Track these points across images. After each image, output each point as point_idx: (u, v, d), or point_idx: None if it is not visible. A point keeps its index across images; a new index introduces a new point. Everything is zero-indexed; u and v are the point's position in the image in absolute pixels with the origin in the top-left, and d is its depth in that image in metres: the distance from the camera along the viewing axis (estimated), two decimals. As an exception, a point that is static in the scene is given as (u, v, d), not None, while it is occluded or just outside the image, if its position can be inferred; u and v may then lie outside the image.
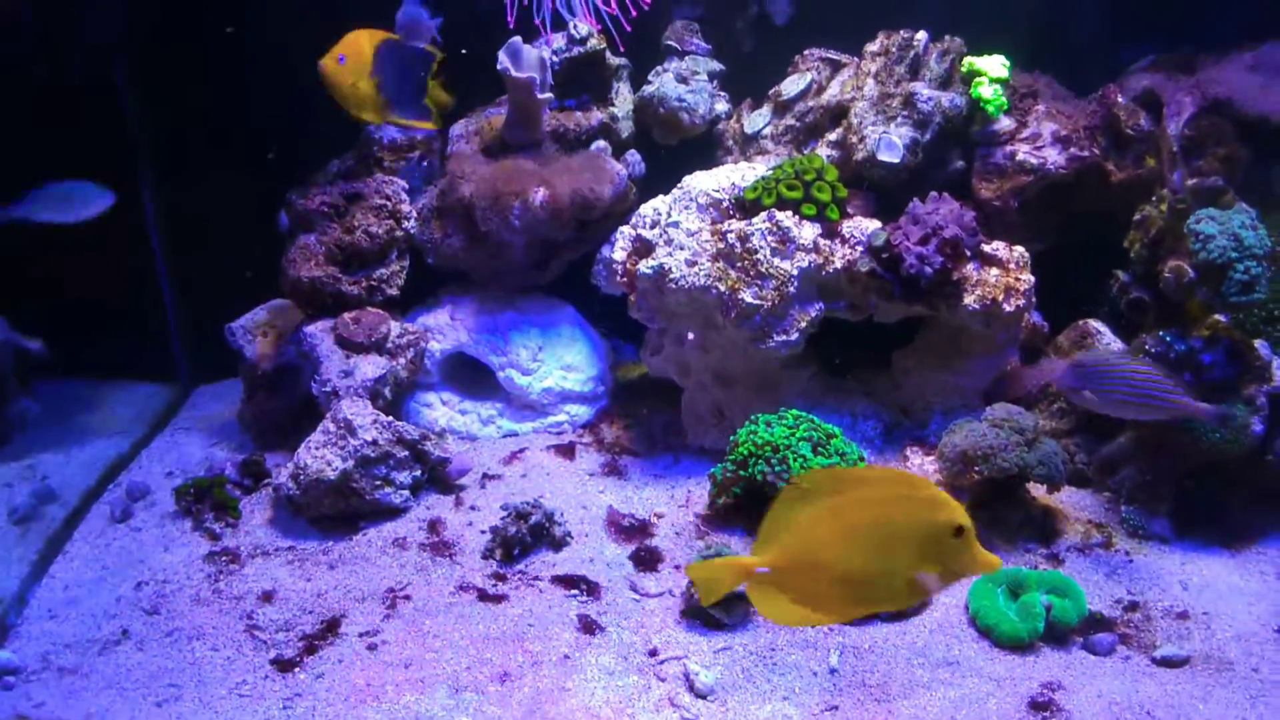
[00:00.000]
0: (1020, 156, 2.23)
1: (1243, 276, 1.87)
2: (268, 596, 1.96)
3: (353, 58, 2.14)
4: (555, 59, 2.35)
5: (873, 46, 2.32)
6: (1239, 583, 1.99)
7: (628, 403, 2.51)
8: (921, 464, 2.23)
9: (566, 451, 2.32)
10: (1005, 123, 2.26)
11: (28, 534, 2.22)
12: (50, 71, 2.40)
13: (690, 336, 2.20)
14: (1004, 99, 2.23)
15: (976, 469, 2.02)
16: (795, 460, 1.98)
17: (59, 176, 2.31)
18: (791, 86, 2.36)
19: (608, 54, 2.42)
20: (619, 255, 2.27)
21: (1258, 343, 2.05)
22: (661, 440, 2.39)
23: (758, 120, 2.38)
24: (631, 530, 2.08)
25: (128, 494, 2.34)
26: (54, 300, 2.61)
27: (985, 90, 2.22)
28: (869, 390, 2.34)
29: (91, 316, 2.63)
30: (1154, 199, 2.06)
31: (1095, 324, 2.29)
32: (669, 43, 2.47)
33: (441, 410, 2.40)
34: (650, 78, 2.47)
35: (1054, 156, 2.22)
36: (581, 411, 2.41)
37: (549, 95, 2.26)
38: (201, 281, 2.71)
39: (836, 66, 2.39)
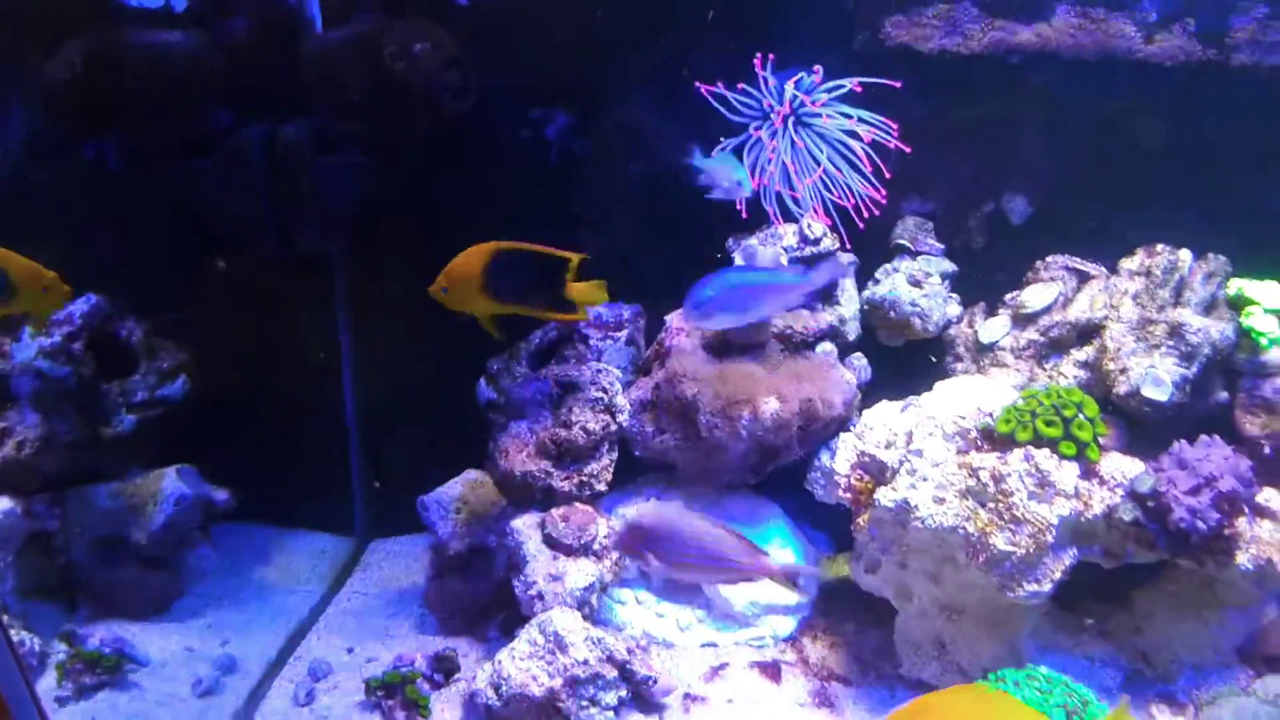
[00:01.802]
0: (1295, 394, 2.06)
1: None
2: (469, 823, 1.86)
3: (458, 280, 2.12)
4: (787, 257, 2.26)
5: (1131, 264, 2.18)
6: None
7: (831, 612, 2.34)
8: (1173, 728, 2.04)
9: (772, 672, 2.16)
10: (1276, 354, 2.09)
11: (209, 710, 2.16)
12: (279, 243, 2.42)
13: (918, 565, 2.05)
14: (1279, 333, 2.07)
15: (1255, 758, 1.83)
16: (1050, 733, 1.81)
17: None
18: (1037, 299, 2.22)
19: (839, 253, 2.32)
20: (842, 468, 2.14)
21: None
22: (873, 665, 2.21)
23: (996, 330, 2.25)
24: (856, 783, 1.93)
25: (311, 674, 2.25)
26: (241, 444, 2.60)
27: (1259, 321, 2.05)
28: (1106, 631, 2.15)
29: (277, 464, 2.60)
30: None
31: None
32: (901, 241, 2.36)
33: (636, 610, 2.26)
34: (879, 276, 2.36)
35: (1336, 399, 2.04)
36: (785, 624, 2.26)
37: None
38: (390, 441, 2.66)
39: (1083, 277, 2.25)
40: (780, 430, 2.11)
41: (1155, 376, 2.01)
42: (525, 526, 2.20)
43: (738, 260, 2.14)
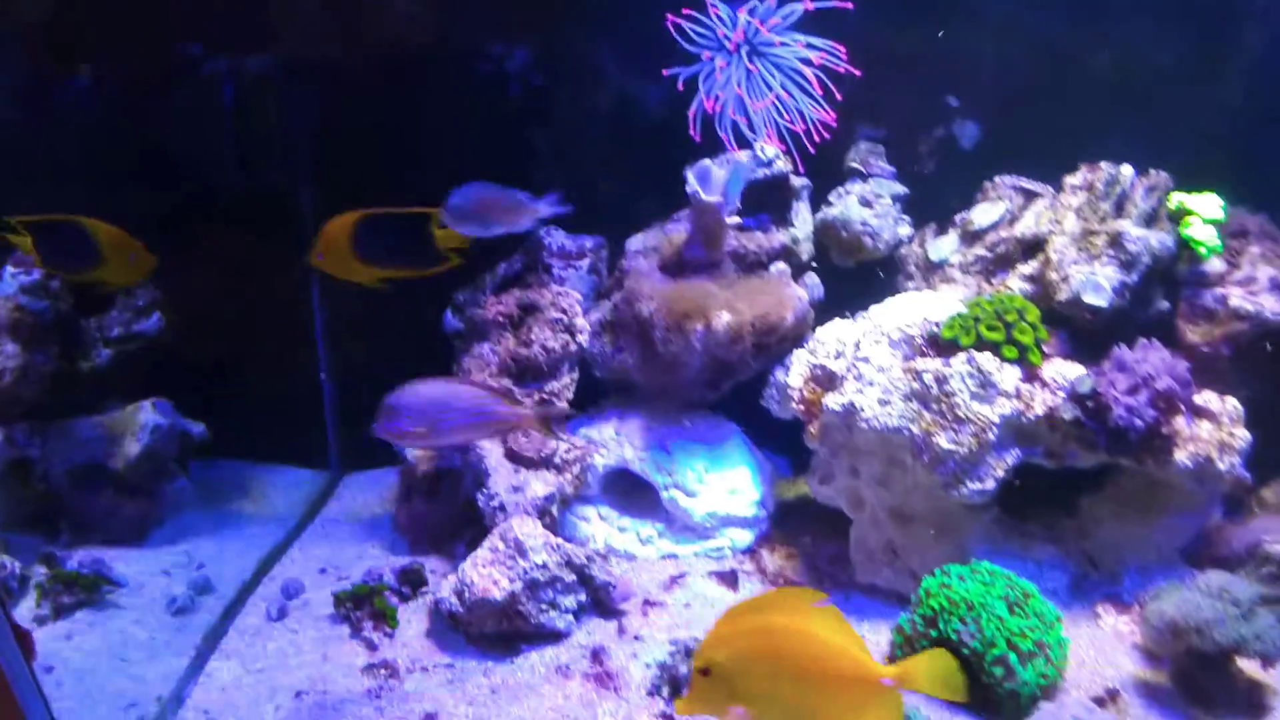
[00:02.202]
0: (1234, 301, 2.11)
1: None
2: (430, 718, 1.91)
3: (330, 250, 2.24)
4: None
5: (1075, 180, 2.24)
6: None
7: (789, 527, 2.41)
8: (1115, 623, 2.09)
9: (729, 580, 2.24)
10: (1216, 264, 2.14)
11: (186, 627, 2.22)
12: (245, 175, 2.48)
13: (868, 472, 2.12)
14: (1218, 242, 2.12)
15: (1189, 641, 1.88)
16: (990, 621, 1.86)
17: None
18: (984, 216, 2.28)
19: (792, 176, 2.38)
20: (795, 381, 2.20)
21: None
22: (828, 573, 2.28)
23: (944, 247, 2.31)
24: (806, 677, 1.98)
25: (283, 592, 2.32)
26: (215, 384, 2.67)
27: (1197, 231, 2.11)
28: (1053, 536, 2.21)
29: (250, 400, 2.66)
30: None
31: (1309, 481, 2.15)
32: (853, 164, 2.42)
33: (599, 525, 2.33)
34: (832, 199, 2.43)
35: (1272, 304, 2.09)
36: (744, 536, 2.32)
37: (735, 219, 2.22)
38: (361, 374, 2.72)
39: (1029, 196, 2.31)
40: (734, 344, 2.17)
41: (1095, 283, 2.07)
42: (488, 442, 2.26)
43: (692, 183, 2.20)
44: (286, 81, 2.48)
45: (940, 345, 2.06)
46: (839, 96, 2.30)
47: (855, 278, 2.44)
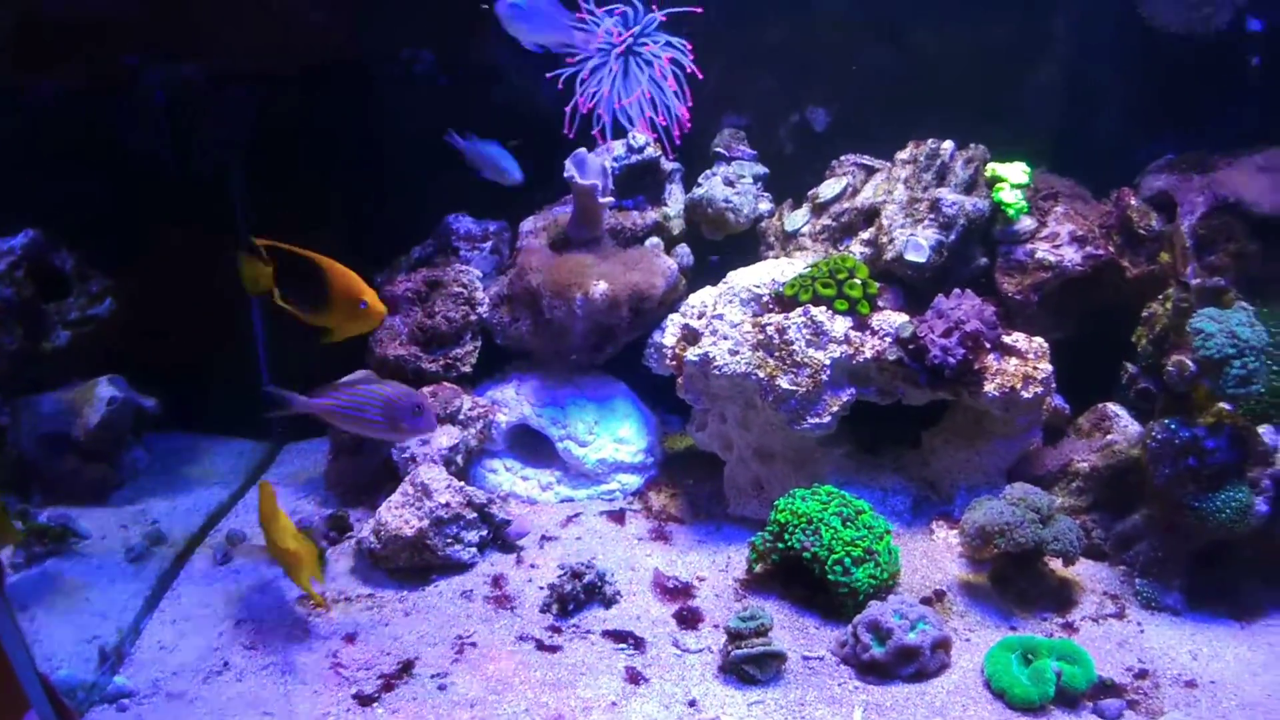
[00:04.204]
0: (1040, 254, 2.43)
1: (1240, 371, 2.03)
2: (350, 638, 2.21)
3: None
4: (616, 165, 2.64)
5: (903, 154, 2.56)
6: (1247, 654, 2.12)
7: (675, 473, 2.73)
8: (946, 537, 2.40)
9: (618, 517, 2.54)
10: (1026, 222, 2.47)
11: (141, 571, 2.52)
12: (175, 160, 2.78)
13: (732, 416, 2.42)
14: (1024, 203, 2.44)
15: (995, 544, 2.19)
16: (827, 531, 2.17)
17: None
18: (828, 190, 2.60)
19: (662, 160, 2.70)
20: (669, 341, 2.51)
21: (1265, 428, 2.20)
22: (705, 509, 2.59)
23: (797, 219, 2.62)
24: (675, 591, 2.28)
25: (228, 539, 2.63)
26: (166, 362, 2.96)
27: (1007, 195, 2.43)
28: (899, 467, 2.53)
29: (198, 378, 2.96)
30: (1160, 297, 2.24)
31: (1113, 407, 2.46)
32: (717, 149, 2.75)
33: (505, 476, 2.64)
34: (700, 180, 2.74)
35: (1071, 255, 2.42)
36: (632, 480, 2.64)
37: (609, 199, 2.54)
38: (296, 349, 3.02)
39: (870, 171, 2.63)
40: (612, 310, 2.48)
41: (915, 243, 2.38)
42: (401, 403, 2.56)
43: (570, 169, 2.51)
44: (215, 88, 2.77)
45: (784, 302, 2.37)
46: (706, 86, 2.62)
47: (725, 250, 2.75)
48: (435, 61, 2.84)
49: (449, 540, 2.35)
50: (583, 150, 2.51)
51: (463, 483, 2.40)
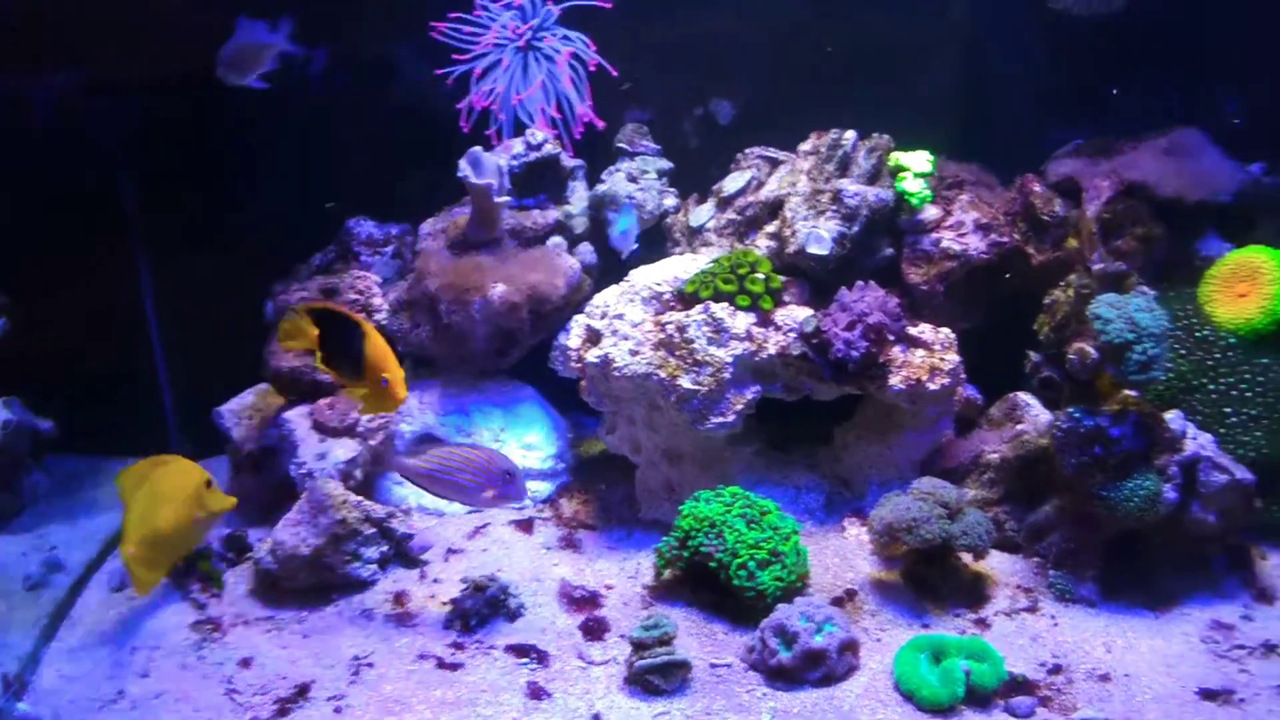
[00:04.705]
0: (945, 243, 2.40)
1: (1140, 357, 2.00)
2: (246, 663, 2.13)
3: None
4: (515, 163, 2.57)
5: (805, 146, 2.52)
6: (1161, 645, 2.09)
7: (587, 478, 2.66)
8: (858, 534, 2.36)
9: (526, 526, 2.47)
10: (931, 211, 2.43)
11: (39, 600, 2.43)
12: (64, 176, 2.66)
13: (639, 418, 2.36)
14: (928, 192, 2.40)
15: (902, 541, 2.15)
16: (731, 535, 2.11)
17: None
18: (732, 183, 2.55)
19: (562, 157, 2.63)
20: (573, 342, 2.44)
21: (1172, 413, 2.18)
22: (617, 514, 2.53)
23: (702, 214, 2.57)
24: (582, 601, 2.22)
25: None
26: (63, 382, 2.85)
27: (910, 184, 2.39)
28: (812, 463, 2.48)
29: (96, 397, 2.85)
30: (1062, 284, 2.21)
31: (1024, 397, 2.43)
32: (620, 145, 2.69)
33: (411, 488, 2.54)
34: (603, 177, 2.67)
35: (976, 243, 2.39)
36: (542, 487, 2.56)
37: (506, 198, 2.47)
38: (195, 365, 2.93)
39: (774, 163, 2.58)
40: (512, 313, 2.41)
41: (816, 235, 2.33)
42: (296, 416, 2.48)
43: (464, 168, 2.44)
44: (101, 96, 2.67)
45: (685, 300, 2.32)
46: (608, 80, 2.55)
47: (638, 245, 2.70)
48: (332, 60, 2.76)
49: (348, 557, 2.27)
50: (477, 149, 2.44)
51: (362, 497, 2.32)
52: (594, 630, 2.14)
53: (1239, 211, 2.46)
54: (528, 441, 2.55)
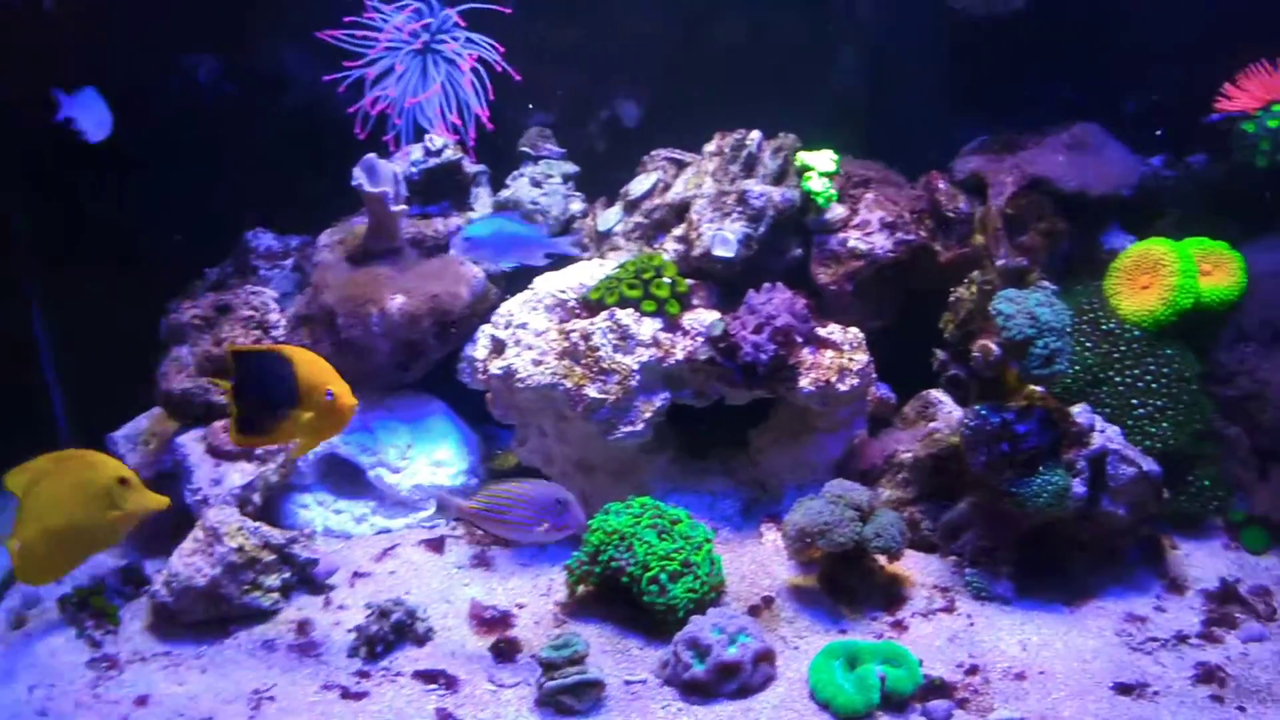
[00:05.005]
0: (852, 243, 2.38)
1: (1042, 352, 2.00)
2: (142, 701, 2.02)
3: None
4: (414, 170, 2.49)
5: (710, 147, 2.48)
6: (1077, 640, 2.09)
7: (501, 492, 2.60)
8: (775, 539, 2.33)
9: (437, 546, 2.39)
10: (838, 211, 2.41)
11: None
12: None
13: (550, 429, 2.30)
14: (833, 191, 2.38)
15: (815, 545, 2.12)
16: (641, 547, 2.06)
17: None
18: (638, 186, 2.50)
19: (464, 162, 2.56)
20: (480, 353, 2.37)
21: (1079, 407, 2.18)
22: (531, 529, 2.47)
23: (610, 218, 2.52)
24: (493, 622, 2.15)
25: (23, 602, 2.38)
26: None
27: (815, 184, 2.36)
28: (728, 469, 2.44)
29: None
30: (966, 281, 2.20)
31: (936, 394, 2.42)
32: (524, 149, 2.62)
33: (317, 511, 2.47)
34: (507, 182, 2.62)
35: (882, 241, 2.37)
36: (456, 504, 2.49)
37: (403, 206, 2.39)
38: (90, 389, 2.80)
39: (681, 165, 2.54)
40: (413, 325, 2.33)
41: (722, 237, 2.30)
42: (190, 440, 2.38)
43: (358, 176, 2.36)
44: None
45: (591, 306, 2.26)
46: (512, 84, 2.49)
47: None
48: (222, 68, 2.66)
49: (246, 587, 2.17)
50: (372, 156, 2.36)
51: (261, 523, 2.23)
52: (505, 652, 2.07)
53: (1142, 204, 2.48)
54: (437, 458, 2.48)
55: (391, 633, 2.09)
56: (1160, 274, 2.29)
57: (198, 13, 2.54)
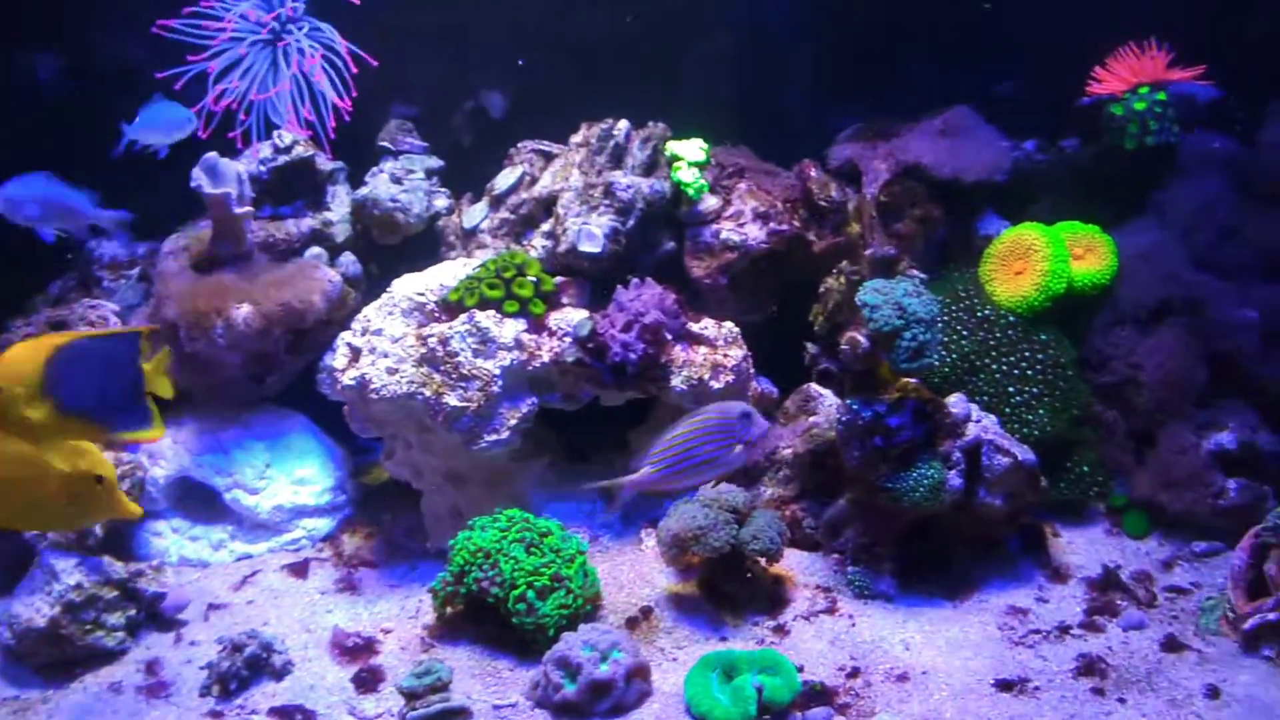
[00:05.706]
0: (725, 234, 2.30)
1: (910, 343, 1.94)
2: (-14, 750, 1.88)
3: (10, 382, 1.63)
4: (263, 169, 2.35)
5: (577, 138, 2.37)
6: (959, 636, 2.04)
7: (374, 509, 2.46)
8: (655, 546, 2.24)
9: (300, 570, 2.26)
10: (711, 202, 2.32)
11: None
12: None
13: (415, 440, 2.18)
14: (704, 181, 2.30)
15: (691, 551, 2.04)
16: (507, 564, 1.96)
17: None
18: (504, 180, 2.39)
19: (318, 159, 2.42)
20: (339, 363, 2.23)
21: (954, 397, 2.13)
22: (404, 547, 2.34)
23: (475, 215, 2.40)
24: (356, 650, 2.03)
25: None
26: None
27: (685, 174, 2.28)
28: (610, 473, 2.35)
29: None
30: (834, 271, 2.14)
31: (816, 388, 2.35)
32: (383, 144, 2.49)
33: (172, 539, 2.31)
34: (366, 179, 2.48)
35: (755, 232, 2.29)
36: (321, 525, 2.35)
37: (249, 208, 2.24)
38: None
39: (549, 157, 2.43)
40: (264, 335, 2.19)
41: (588, 232, 2.20)
42: (23, 470, 2.20)
43: (198, 176, 2.20)
44: None
45: (451, 309, 2.15)
46: (370, 75, 2.35)
47: (405, 255, 2.48)
48: (61, 65, 2.47)
49: (88, 627, 2.02)
50: (213, 155, 2.20)
51: (106, 556, 2.07)
52: (367, 682, 1.95)
53: (1016, 189, 2.44)
54: (300, 475, 2.34)
55: (245, 669, 1.95)
56: (1033, 259, 2.26)
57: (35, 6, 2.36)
